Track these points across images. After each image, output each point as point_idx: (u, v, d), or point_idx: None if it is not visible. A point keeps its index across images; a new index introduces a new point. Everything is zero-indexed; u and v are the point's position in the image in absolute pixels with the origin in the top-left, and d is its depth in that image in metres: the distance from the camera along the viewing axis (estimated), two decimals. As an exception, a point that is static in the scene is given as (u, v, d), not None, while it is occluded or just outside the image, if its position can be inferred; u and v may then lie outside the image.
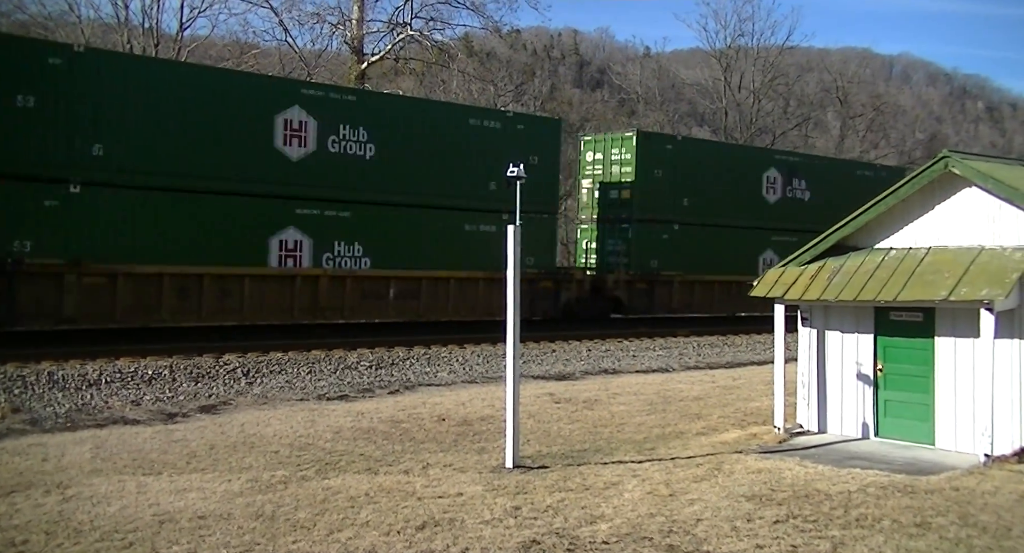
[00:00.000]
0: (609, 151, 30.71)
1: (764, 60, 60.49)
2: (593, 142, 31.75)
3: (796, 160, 35.35)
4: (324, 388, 17.61)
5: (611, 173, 30.50)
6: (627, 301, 29.41)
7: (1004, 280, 10.78)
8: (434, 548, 7.60)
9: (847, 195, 31.09)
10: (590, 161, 31.45)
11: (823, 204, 32.35)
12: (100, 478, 10.03)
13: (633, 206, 29.97)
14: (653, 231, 30.06)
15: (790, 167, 34.16)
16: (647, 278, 29.72)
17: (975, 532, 8.08)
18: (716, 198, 31.35)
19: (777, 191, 33.44)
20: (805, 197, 34.10)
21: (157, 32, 38.43)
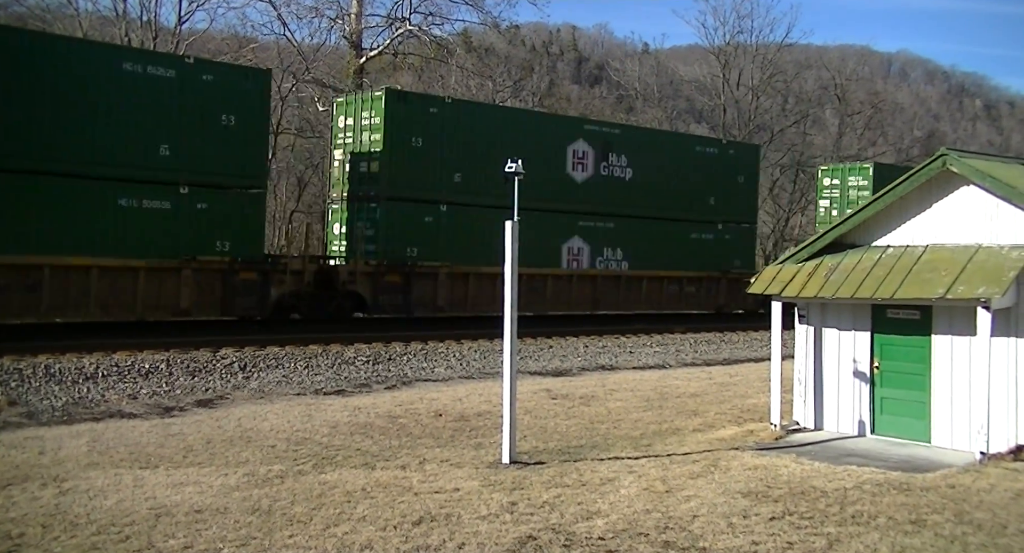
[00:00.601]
0: (360, 115, 25.26)
1: (763, 57, 60.43)
2: (345, 104, 26.03)
3: (613, 131, 30.64)
4: (321, 383, 17.61)
5: (361, 142, 25.09)
6: (371, 298, 23.87)
7: (1001, 278, 10.79)
8: (430, 543, 7.60)
9: (683, 174, 31.12)
10: (342, 127, 25.85)
11: (650, 184, 30.10)
12: (97, 471, 10.03)
13: (381, 181, 24.55)
14: (410, 213, 24.75)
15: (605, 139, 29.53)
16: (401, 270, 24.32)
17: (970, 529, 8.10)
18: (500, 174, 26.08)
19: (587, 168, 28.79)
20: (626, 175, 29.74)
21: (155, 25, 38.33)
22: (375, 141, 24.82)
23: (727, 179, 32.82)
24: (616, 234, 29.59)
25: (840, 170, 38.65)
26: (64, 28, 35.98)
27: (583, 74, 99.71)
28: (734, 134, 56.18)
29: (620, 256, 29.78)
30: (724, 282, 32.08)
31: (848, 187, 37.69)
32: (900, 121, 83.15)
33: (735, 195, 33.17)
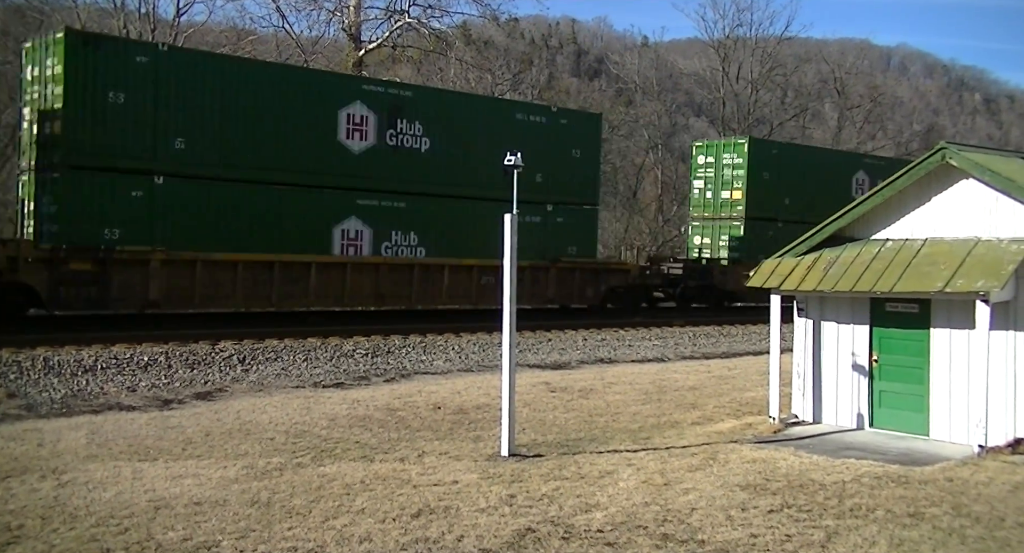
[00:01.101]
0: (44, 63, 21.01)
1: (762, 51, 60.41)
2: (32, 51, 21.71)
3: (403, 94, 25.92)
4: (320, 375, 17.62)
5: (46, 97, 20.58)
6: (48, 290, 19.20)
7: (1000, 272, 10.80)
8: (429, 535, 7.61)
9: (499, 146, 23.17)
10: (31, 80, 21.53)
11: (454, 156, 25.91)
12: (95, 464, 10.03)
13: (63, 146, 20.03)
14: (107, 185, 20.26)
15: (392, 103, 25.04)
16: (93, 256, 19.70)
17: (968, 522, 8.12)
18: (248, 141, 22.34)
19: (367, 136, 24.47)
20: (421, 146, 25.50)
21: (154, 18, 38.30)
22: (57, 96, 20.10)
23: (559, 153, 27.90)
24: (409, 215, 25.16)
25: (714, 146, 35.19)
26: (62, 20, 35.89)
27: (582, 67, 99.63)
28: (733, 127, 56.17)
29: (414, 241, 25.46)
30: (554, 272, 27.58)
31: (723, 165, 34.22)
32: (899, 115, 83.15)
33: (569, 172, 28.30)
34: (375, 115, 24.55)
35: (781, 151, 35.80)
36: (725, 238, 33.93)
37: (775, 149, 35.83)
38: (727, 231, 33.90)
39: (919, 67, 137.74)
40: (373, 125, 24.56)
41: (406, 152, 25.13)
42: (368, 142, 24.46)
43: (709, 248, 34.32)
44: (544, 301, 28.06)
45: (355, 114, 24.27)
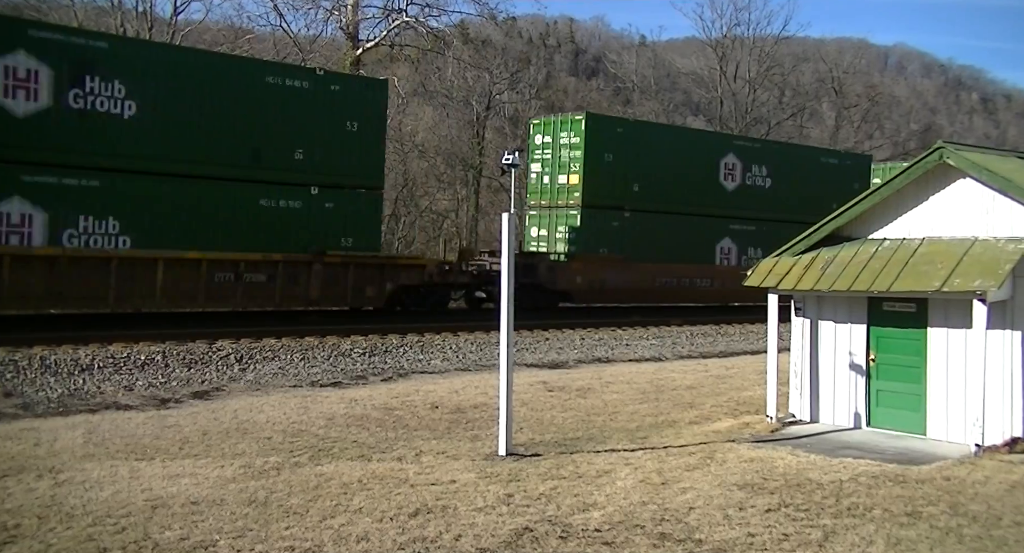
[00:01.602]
0: None
1: (760, 50, 60.47)
2: None
3: (94, 45, 20.69)
4: (317, 375, 17.61)
5: None
6: None
7: (997, 271, 10.80)
8: (427, 535, 7.61)
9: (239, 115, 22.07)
10: None
11: (173, 125, 21.31)
12: (93, 463, 10.02)
13: None
14: None
15: (79, 56, 20.14)
16: None
17: (965, 521, 8.12)
18: None
19: (38, 95, 19.54)
20: (124, 111, 20.67)
21: (151, 16, 38.25)
22: None
23: (326, 125, 23.73)
24: (105, 196, 20.39)
25: (551, 124, 31.08)
26: (59, 18, 35.87)
27: (580, 66, 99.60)
28: (731, 127, 56.18)
29: (112, 228, 20.51)
30: (319, 268, 23.26)
31: (560, 145, 30.33)
32: (897, 114, 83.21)
33: (343, 149, 24.06)
34: (50, 70, 19.63)
35: (628, 130, 31.18)
36: (562, 229, 30.08)
37: (620, 127, 31.32)
38: (564, 221, 30.07)
39: (916, 66, 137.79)
40: (47, 82, 19.57)
41: (99, 117, 20.21)
42: (38, 103, 19.49)
43: (546, 241, 30.57)
44: (305, 303, 23.62)
45: (18, 67, 19.30)
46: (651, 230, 30.64)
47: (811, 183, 34.51)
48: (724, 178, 32.88)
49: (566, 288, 28.68)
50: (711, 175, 32.54)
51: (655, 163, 30.70)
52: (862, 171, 37.36)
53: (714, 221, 32.52)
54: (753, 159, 33.74)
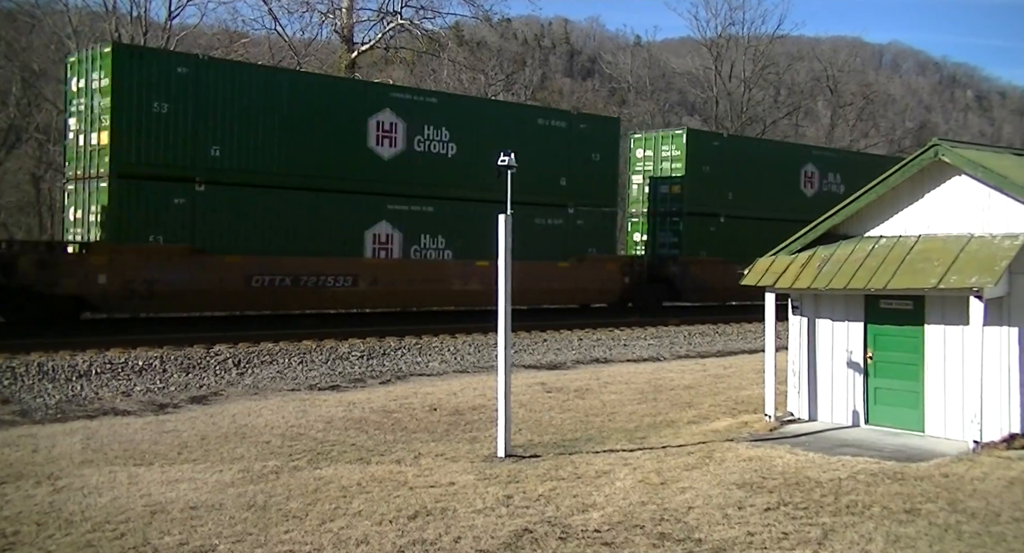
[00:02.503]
0: None
1: (755, 49, 60.52)
2: None
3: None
4: (315, 378, 17.60)
5: None
6: None
7: (993, 268, 10.82)
8: (426, 537, 7.61)
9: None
10: None
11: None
12: (91, 469, 10.00)
13: None
14: None
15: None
16: None
17: (964, 518, 8.13)
18: None
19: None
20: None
21: (145, 21, 38.19)
22: None
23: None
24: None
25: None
26: (54, 24, 35.83)
27: (575, 67, 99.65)
28: (726, 126, 56.21)
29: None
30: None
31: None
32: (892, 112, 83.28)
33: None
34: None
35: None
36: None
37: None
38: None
39: (911, 64, 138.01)
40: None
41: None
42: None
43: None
44: None
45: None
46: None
47: None
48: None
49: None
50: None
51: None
52: None
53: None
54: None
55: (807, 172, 35.31)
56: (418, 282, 25.08)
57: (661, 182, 32.21)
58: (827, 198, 33.40)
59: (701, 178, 31.75)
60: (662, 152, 32.21)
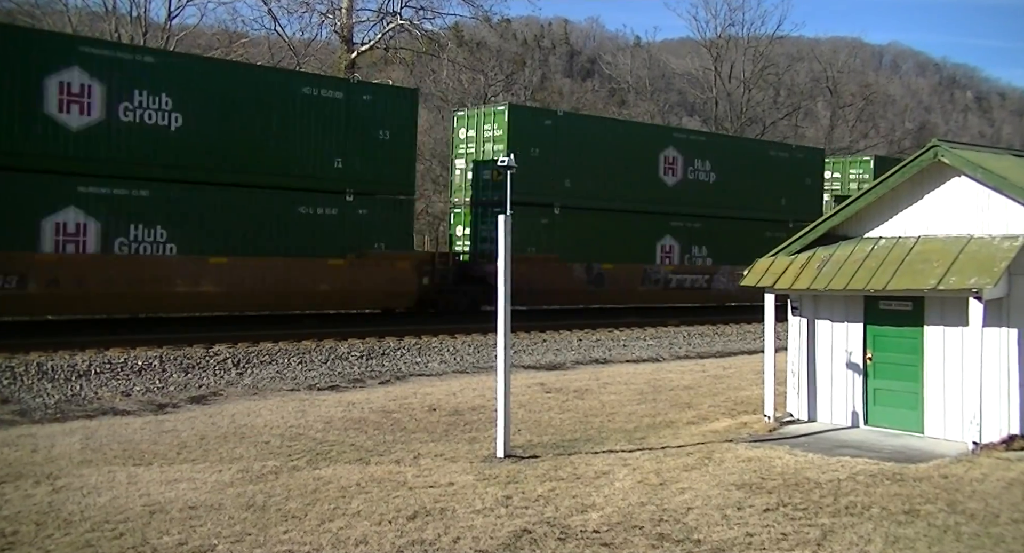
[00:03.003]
0: None
1: (754, 50, 60.57)
2: None
3: None
4: (315, 378, 17.59)
5: None
6: None
7: (993, 269, 10.83)
8: (425, 537, 7.61)
9: None
10: None
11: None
12: (90, 469, 10.00)
13: None
14: None
15: None
16: None
17: (963, 519, 8.13)
18: None
19: None
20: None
21: (145, 21, 38.20)
22: None
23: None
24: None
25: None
26: (53, 24, 35.83)
27: (575, 68, 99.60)
28: (726, 127, 56.22)
29: None
30: None
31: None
32: (892, 113, 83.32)
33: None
34: None
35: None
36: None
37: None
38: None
39: (911, 65, 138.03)
40: None
41: None
42: None
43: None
44: None
45: None
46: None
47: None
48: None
49: None
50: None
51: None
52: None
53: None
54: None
55: (668, 157, 30.83)
56: (123, 283, 20.19)
57: (484, 167, 27.75)
58: (693, 187, 31.36)
59: (529, 162, 26.03)
60: (484, 132, 27.87)
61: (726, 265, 31.61)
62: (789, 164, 35.05)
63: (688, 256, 31.60)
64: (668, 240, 31.07)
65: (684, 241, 31.54)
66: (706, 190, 31.97)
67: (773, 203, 33.80)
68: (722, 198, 32.13)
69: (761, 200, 33.32)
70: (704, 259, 32.04)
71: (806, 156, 36.72)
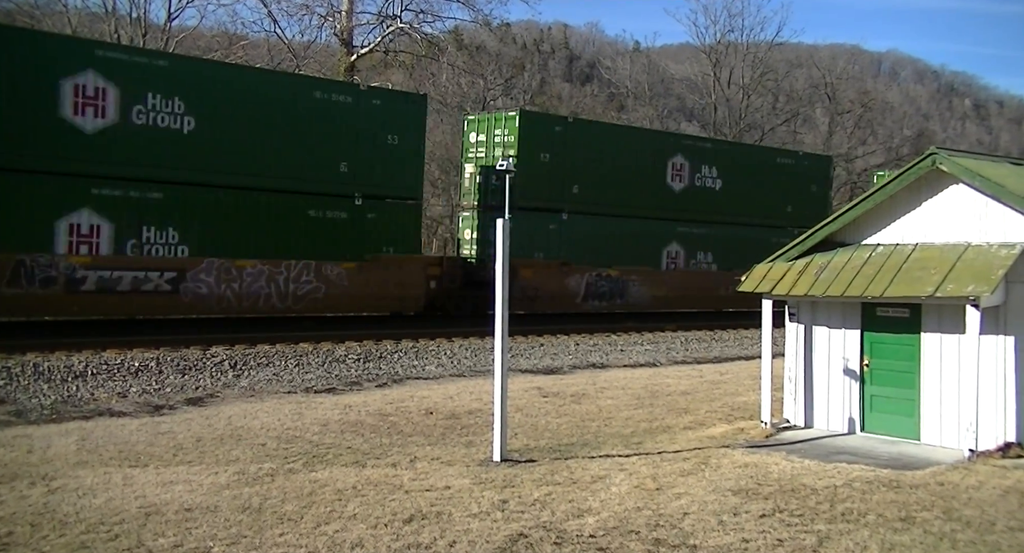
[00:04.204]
0: None
1: (753, 56, 60.63)
2: None
3: None
4: (312, 381, 17.58)
5: None
6: None
7: (990, 277, 10.84)
8: (421, 541, 7.60)
9: None
10: None
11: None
12: (86, 470, 9.99)
13: None
14: None
15: None
16: None
17: (959, 526, 8.14)
18: None
19: None
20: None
21: (145, 22, 38.19)
22: None
23: None
24: None
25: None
26: (52, 25, 35.82)
27: (574, 72, 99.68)
28: (725, 132, 56.28)
29: None
30: None
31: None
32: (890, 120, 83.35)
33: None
34: None
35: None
36: None
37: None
38: None
39: (909, 72, 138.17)
40: None
41: None
42: None
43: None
44: None
45: None
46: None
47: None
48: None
49: None
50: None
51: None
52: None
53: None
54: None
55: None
56: None
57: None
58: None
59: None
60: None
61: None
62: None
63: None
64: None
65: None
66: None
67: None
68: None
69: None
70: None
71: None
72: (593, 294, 29.11)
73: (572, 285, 28.49)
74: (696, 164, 31.87)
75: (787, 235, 26.49)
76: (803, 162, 36.35)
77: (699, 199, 31.87)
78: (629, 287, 29.87)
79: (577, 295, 28.77)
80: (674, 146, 32.03)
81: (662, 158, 31.05)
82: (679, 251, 31.51)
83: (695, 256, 31.89)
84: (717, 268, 32.21)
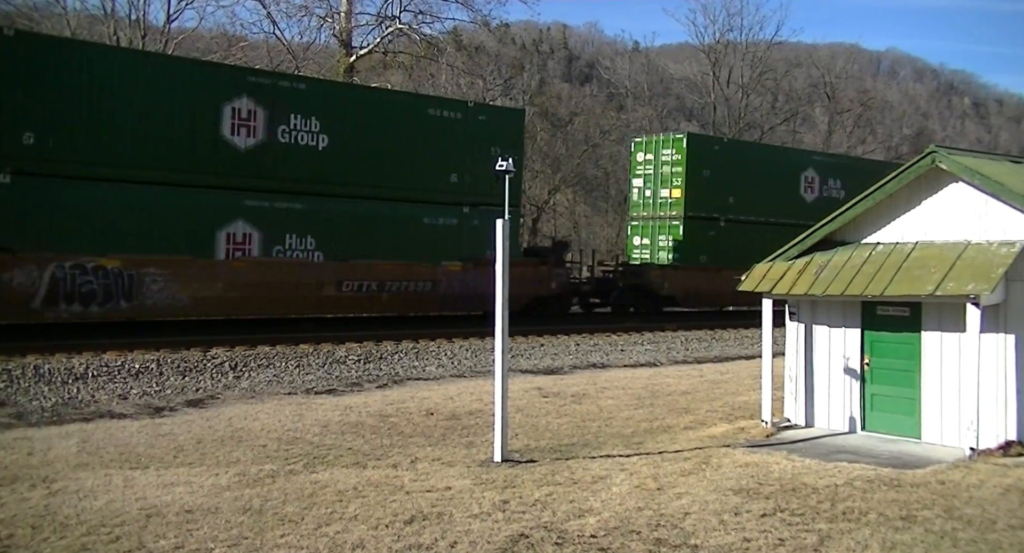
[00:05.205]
0: None
1: (752, 55, 60.60)
2: None
3: None
4: (312, 382, 17.58)
5: None
6: None
7: (990, 275, 10.84)
8: (422, 542, 7.60)
9: None
10: None
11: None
12: (86, 472, 9.99)
13: None
14: None
15: None
16: None
17: (960, 525, 8.13)
18: None
19: None
20: None
21: (144, 24, 38.19)
22: None
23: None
24: None
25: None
26: (51, 27, 35.82)
27: (573, 72, 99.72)
28: (724, 132, 56.28)
29: None
30: None
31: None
32: (889, 119, 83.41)
33: None
34: None
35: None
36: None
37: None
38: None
39: (909, 71, 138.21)
40: None
41: None
42: None
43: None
44: None
45: None
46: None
47: None
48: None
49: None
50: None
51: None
52: None
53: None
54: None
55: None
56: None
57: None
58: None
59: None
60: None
61: None
62: None
63: None
64: None
65: None
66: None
67: None
68: None
69: None
70: None
71: None
72: None
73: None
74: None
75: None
76: None
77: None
78: None
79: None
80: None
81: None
82: None
83: None
84: None
